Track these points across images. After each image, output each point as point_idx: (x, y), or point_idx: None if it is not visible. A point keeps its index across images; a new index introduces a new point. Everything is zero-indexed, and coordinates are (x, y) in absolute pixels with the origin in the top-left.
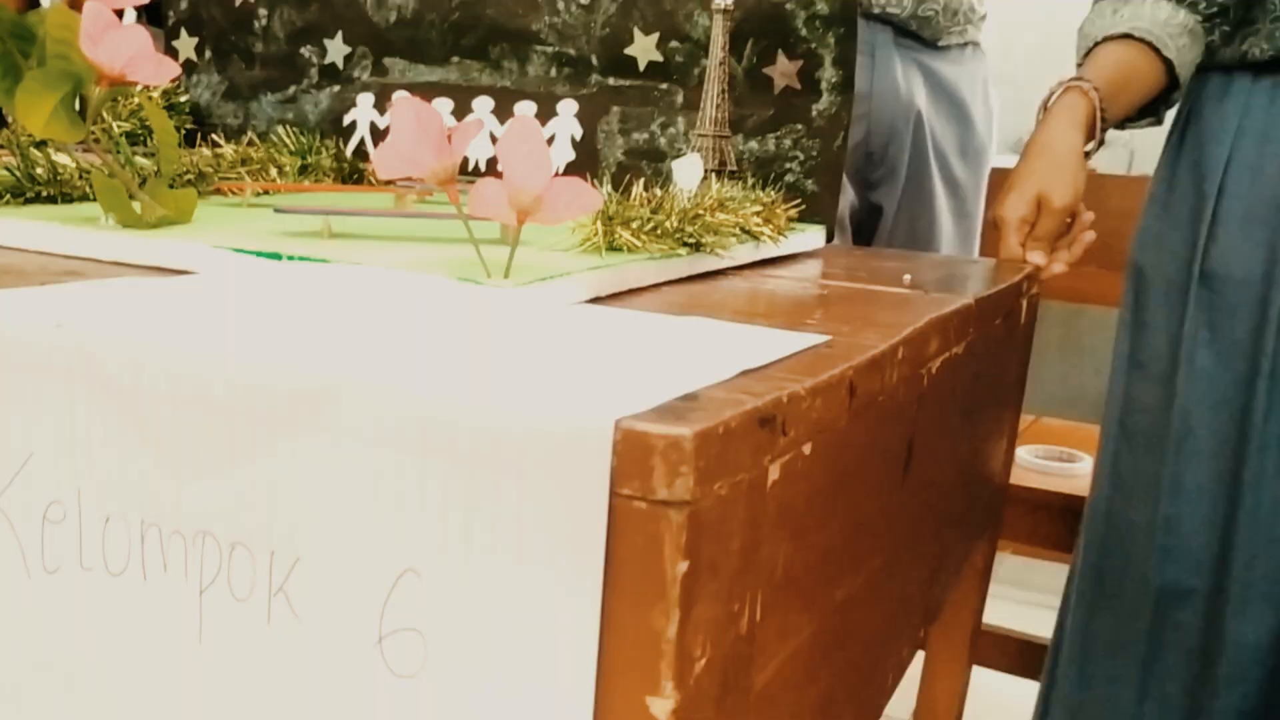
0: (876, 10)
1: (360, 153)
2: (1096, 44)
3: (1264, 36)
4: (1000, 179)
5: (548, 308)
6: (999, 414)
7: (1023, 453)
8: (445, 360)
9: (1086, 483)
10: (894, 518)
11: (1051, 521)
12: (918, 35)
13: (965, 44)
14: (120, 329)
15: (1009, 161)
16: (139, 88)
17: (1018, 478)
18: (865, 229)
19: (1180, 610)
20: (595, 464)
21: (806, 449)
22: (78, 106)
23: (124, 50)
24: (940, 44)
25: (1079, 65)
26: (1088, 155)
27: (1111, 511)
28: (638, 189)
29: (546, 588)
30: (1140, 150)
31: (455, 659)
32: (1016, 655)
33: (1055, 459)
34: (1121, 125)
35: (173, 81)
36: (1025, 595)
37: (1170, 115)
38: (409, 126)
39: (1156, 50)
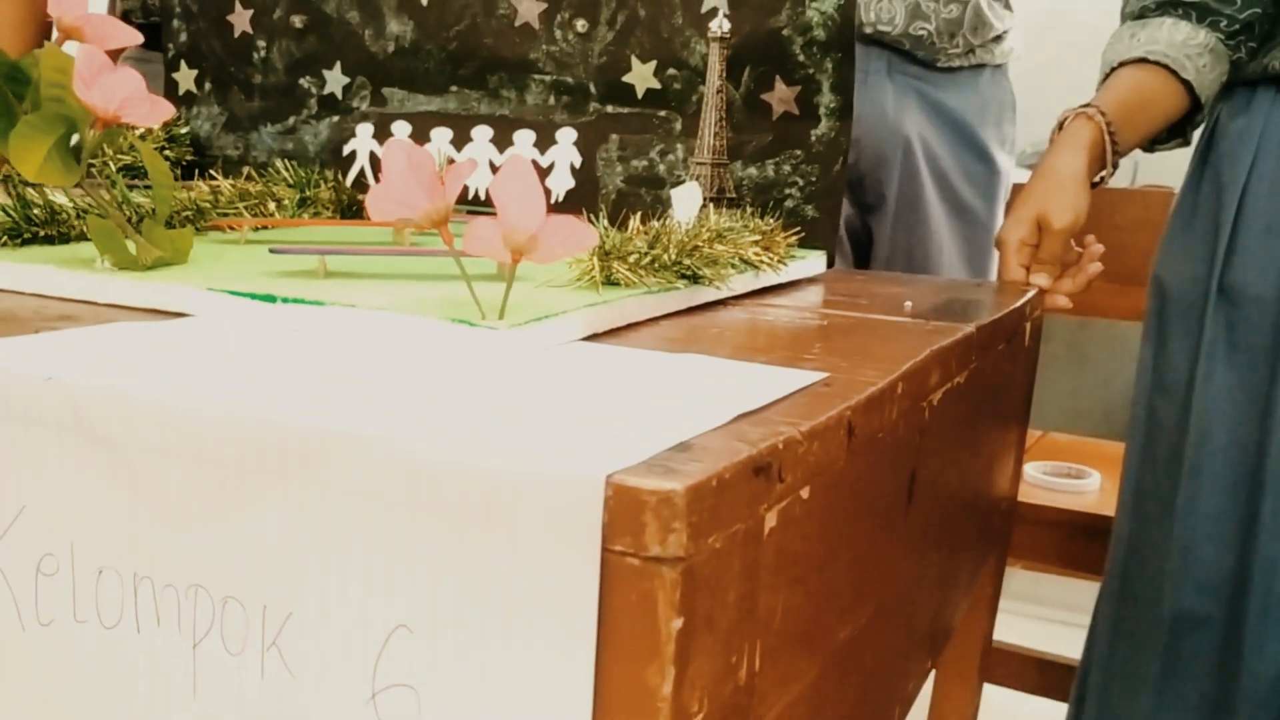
0: (869, 30)
1: (359, 184)
2: (1114, 68)
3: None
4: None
5: (542, 349)
6: (1004, 435)
7: (1031, 469)
8: (436, 412)
9: (1095, 500)
10: (897, 553)
11: (1061, 539)
12: (914, 57)
13: (977, 67)
14: (111, 381)
15: (1022, 176)
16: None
17: (1026, 495)
18: (863, 251)
19: (1194, 637)
20: (587, 520)
21: (804, 493)
22: (73, 146)
23: (118, 92)
24: (941, 66)
25: (1098, 88)
26: (1101, 181)
27: (1133, 535)
28: (634, 222)
29: (540, 644)
30: (1144, 162)
31: (449, 716)
32: (1027, 672)
33: (1063, 475)
34: (1150, 148)
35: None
36: (1036, 610)
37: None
38: (401, 169)
39: (1174, 72)
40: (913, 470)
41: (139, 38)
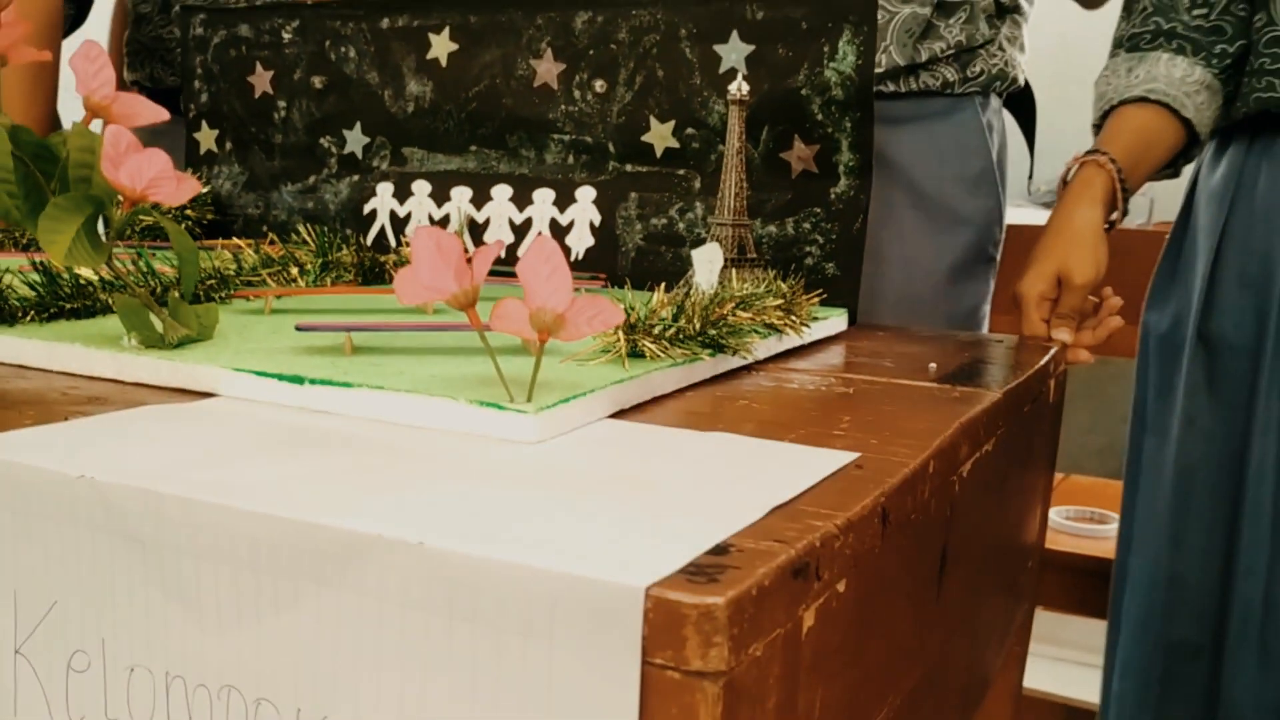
0: None
1: (380, 244)
2: (1113, 106)
3: (1239, 97)
4: (1014, 239)
5: (571, 432)
6: (1031, 493)
7: (1053, 514)
8: (471, 512)
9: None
10: (930, 627)
11: (1084, 585)
12: None
13: (921, 95)
14: (142, 479)
15: (1023, 216)
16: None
17: (1049, 540)
18: None
19: (1186, 665)
20: (627, 631)
21: (840, 586)
22: (100, 227)
23: (146, 172)
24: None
25: (1095, 124)
26: (1112, 225)
27: (1130, 568)
28: (659, 294)
29: None
30: (1160, 200)
31: None
32: (1054, 718)
33: (1086, 520)
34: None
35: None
36: (1058, 652)
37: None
38: (429, 254)
39: (1175, 111)
40: (944, 545)
41: (165, 114)
